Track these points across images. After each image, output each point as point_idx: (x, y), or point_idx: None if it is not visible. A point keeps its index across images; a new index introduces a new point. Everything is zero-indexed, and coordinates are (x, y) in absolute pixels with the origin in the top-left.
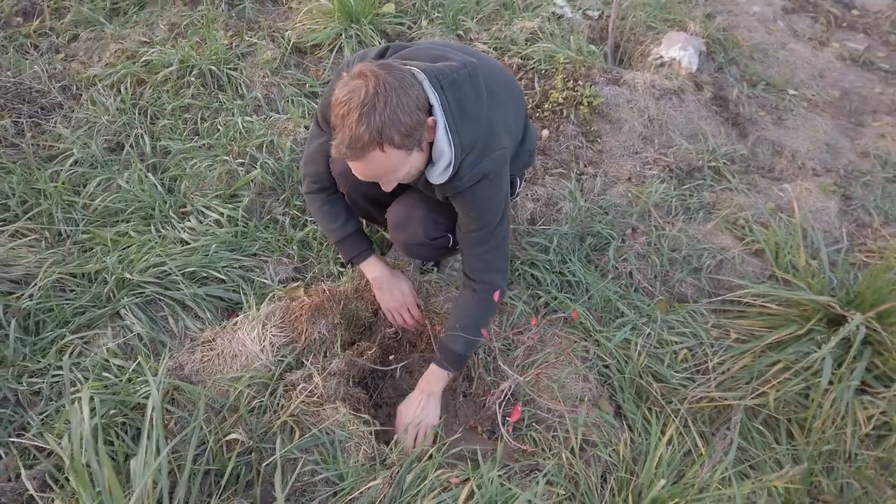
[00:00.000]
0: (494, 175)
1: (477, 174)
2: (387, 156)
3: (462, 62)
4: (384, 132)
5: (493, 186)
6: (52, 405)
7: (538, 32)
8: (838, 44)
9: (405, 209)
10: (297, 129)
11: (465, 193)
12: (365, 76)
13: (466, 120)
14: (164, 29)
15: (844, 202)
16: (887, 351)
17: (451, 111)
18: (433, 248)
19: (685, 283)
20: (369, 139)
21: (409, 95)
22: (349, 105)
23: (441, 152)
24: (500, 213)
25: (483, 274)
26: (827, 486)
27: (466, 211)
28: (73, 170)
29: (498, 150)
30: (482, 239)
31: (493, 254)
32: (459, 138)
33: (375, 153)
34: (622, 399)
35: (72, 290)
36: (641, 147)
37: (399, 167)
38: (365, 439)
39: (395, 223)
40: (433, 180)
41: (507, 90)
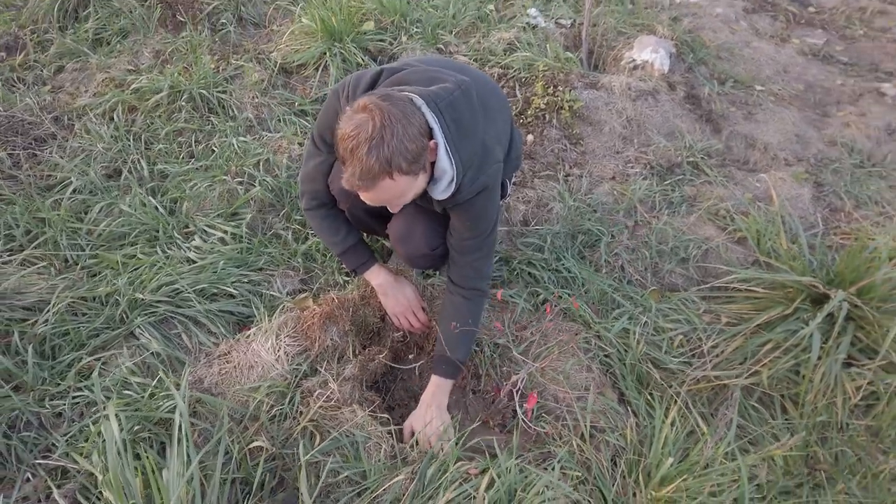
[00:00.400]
0: (491, 188)
1: (476, 188)
2: (396, 183)
3: (456, 82)
4: (393, 161)
5: (489, 198)
6: (74, 426)
7: (515, 42)
8: (798, 40)
9: (406, 223)
10: (291, 146)
11: (465, 205)
12: (370, 110)
13: (464, 138)
14: (149, 56)
15: (817, 189)
16: (869, 325)
17: (450, 132)
18: (435, 258)
19: (674, 273)
20: (379, 169)
21: (412, 124)
22: (357, 139)
23: (443, 171)
24: (493, 222)
25: (474, 281)
26: (822, 456)
27: (463, 221)
28: (73, 197)
29: (495, 164)
30: (476, 246)
31: (483, 261)
32: (460, 156)
33: (385, 182)
34: (625, 386)
35: (84, 313)
36: (622, 147)
37: (407, 192)
38: (384, 439)
39: (398, 237)
40: (437, 197)
41: (496, 102)
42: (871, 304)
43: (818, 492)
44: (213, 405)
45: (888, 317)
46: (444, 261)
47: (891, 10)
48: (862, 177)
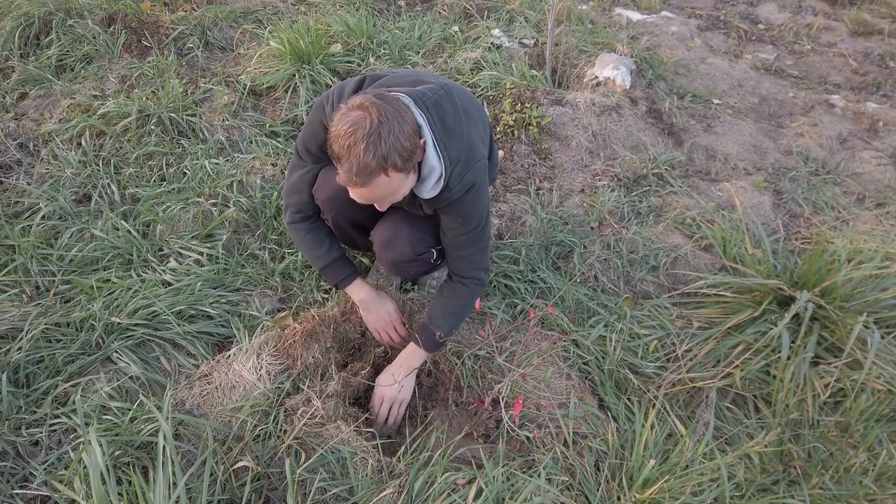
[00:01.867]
0: (479, 184)
1: (464, 185)
2: (390, 179)
3: (439, 83)
4: (389, 158)
5: (478, 195)
6: (52, 454)
7: (481, 62)
8: (751, 55)
9: (390, 229)
10: (264, 167)
11: (455, 204)
12: (366, 108)
13: (450, 135)
14: (114, 82)
15: (776, 196)
16: (833, 324)
17: (437, 128)
18: (419, 264)
19: (646, 280)
20: (376, 166)
21: (406, 122)
22: (355, 136)
23: (431, 168)
24: (484, 217)
25: (472, 272)
26: (796, 452)
27: (455, 219)
28: (43, 223)
29: (480, 161)
30: (471, 241)
31: (479, 254)
32: (448, 153)
33: (380, 178)
34: (604, 392)
35: (59, 339)
36: (589, 160)
37: (399, 188)
38: (370, 453)
39: (382, 243)
40: (425, 195)
41: (475, 110)
42: (834, 303)
43: (794, 487)
44: (197, 426)
45: (851, 316)
46: (427, 269)
47: (835, 25)
48: (818, 184)
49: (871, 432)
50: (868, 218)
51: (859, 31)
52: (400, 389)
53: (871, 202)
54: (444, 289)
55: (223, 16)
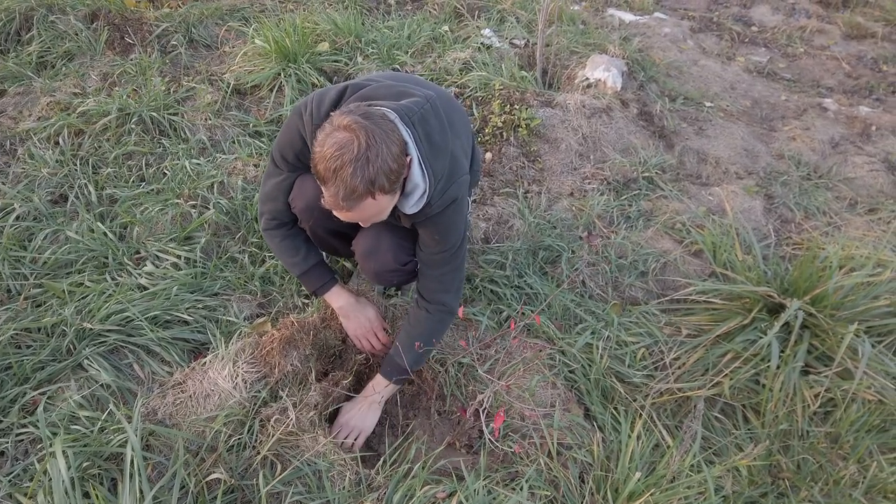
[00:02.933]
0: (460, 199)
1: (446, 200)
2: (377, 202)
3: (424, 97)
4: (377, 182)
5: (457, 211)
6: (18, 465)
7: (471, 62)
8: (743, 58)
9: (373, 238)
10: (246, 167)
11: (434, 219)
12: (353, 130)
13: (436, 152)
14: (96, 79)
15: (768, 201)
16: (823, 332)
17: (423, 146)
18: (402, 274)
19: (634, 286)
20: (364, 190)
21: (394, 143)
22: (342, 160)
23: (416, 185)
24: (461, 235)
25: (439, 295)
26: (785, 464)
27: (431, 234)
28: (16, 224)
29: (462, 176)
30: (444, 260)
31: (451, 275)
32: (432, 170)
33: (367, 201)
34: (590, 401)
35: (29, 345)
36: (579, 163)
37: (386, 209)
38: (348, 466)
39: (365, 252)
40: (407, 211)
41: (458, 117)
42: (824, 311)
43: (783, 500)
44: (168, 437)
45: (842, 324)
46: (411, 277)
47: (828, 28)
48: (810, 188)
49: (861, 444)
50: (860, 223)
51: (853, 35)
52: (359, 418)
53: (864, 207)
54: (410, 314)
55: (209, 13)
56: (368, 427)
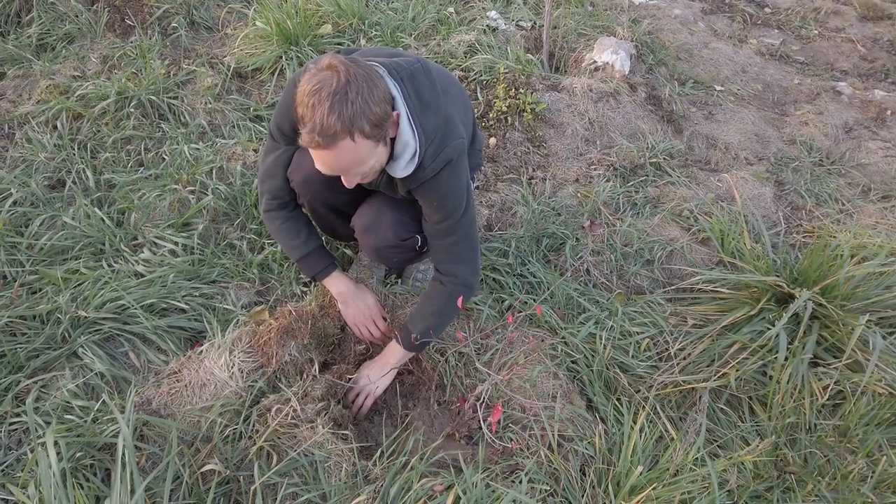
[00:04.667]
0: (455, 163)
1: (439, 163)
2: (356, 146)
3: (415, 57)
4: (355, 122)
5: (454, 175)
6: (11, 454)
7: (476, 45)
8: (756, 40)
9: (372, 213)
10: (246, 152)
11: (429, 184)
12: (334, 67)
13: (426, 109)
14: (96, 62)
15: (778, 188)
16: (833, 323)
17: (412, 102)
18: (403, 250)
19: (640, 275)
20: (341, 128)
21: (377, 87)
22: (320, 95)
23: (405, 144)
24: (463, 202)
25: (451, 265)
26: (791, 458)
27: (430, 202)
28: (13, 210)
29: (457, 139)
30: (449, 230)
31: (460, 245)
32: (422, 128)
33: (345, 143)
34: (592, 392)
35: (23, 333)
36: (585, 149)
37: (367, 159)
38: (345, 457)
39: (364, 228)
40: (398, 174)
41: (455, 90)
42: (834, 302)
43: (788, 495)
44: (163, 427)
45: (852, 315)
46: (412, 257)
47: (844, 10)
48: (821, 175)
49: (870, 438)
50: (873, 211)
51: (868, 16)
52: (377, 380)
53: (877, 194)
54: (429, 287)
55: None
56: (381, 390)
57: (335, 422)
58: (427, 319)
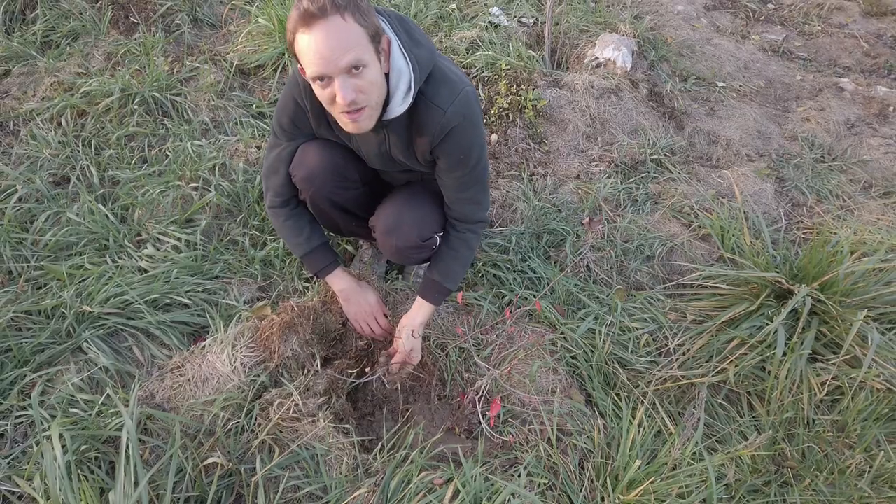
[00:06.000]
0: (472, 114)
1: (458, 110)
2: (348, 26)
3: None
4: (344, 4)
5: (474, 126)
6: (17, 447)
7: (478, 41)
8: (758, 36)
9: (394, 215)
10: (249, 149)
11: (454, 135)
12: None
13: (416, 44)
14: (100, 59)
15: (779, 184)
16: (832, 319)
17: (402, 35)
18: (423, 250)
19: (640, 271)
20: (331, 5)
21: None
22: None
23: (399, 71)
24: (482, 149)
25: (477, 214)
26: (790, 453)
27: (456, 156)
28: (18, 206)
29: (467, 87)
30: (475, 179)
31: (482, 193)
32: (415, 58)
33: (336, 18)
34: (591, 387)
35: (29, 328)
36: (586, 145)
37: (362, 50)
38: (346, 451)
39: (387, 229)
40: (396, 110)
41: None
42: (834, 298)
43: (786, 489)
44: (165, 421)
45: (851, 311)
46: (429, 255)
47: (847, 5)
48: (823, 171)
49: (868, 433)
50: (874, 207)
51: (872, 12)
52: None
53: (878, 191)
54: (452, 242)
55: None
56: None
57: (336, 416)
58: (457, 272)
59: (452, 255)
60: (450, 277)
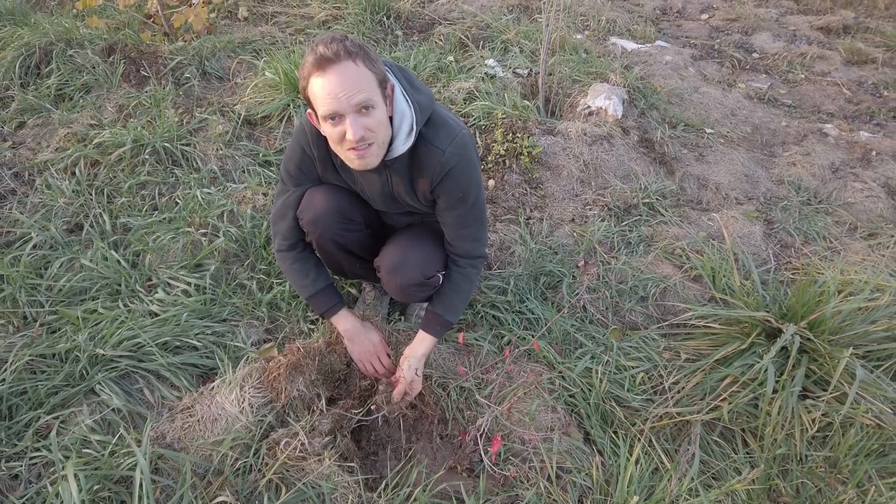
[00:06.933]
0: (469, 155)
1: (456, 151)
2: (358, 69)
3: None
4: (355, 47)
5: (471, 166)
6: (31, 488)
7: (475, 91)
8: (744, 84)
9: (399, 253)
10: (256, 196)
11: (453, 174)
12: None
13: (417, 91)
14: (112, 111)
15: (767, 226)
16: (821, 357)
17: (403, 80)
18: (426, 288)
19: (635, 311)
20: (344, 52)
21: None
22: (323, 40)
23: (402, 113)
24: (480, 188)
25: (477, 249)
26: (784, 488)
27: (456, 194)
28: (33, 253)
29: (464, 130)
30: (473, 217)
31: (481, 230)
32: (416, 102)
33: (348, 63)
34: (590, 425)
35: (43, 371)
36: (580, 190)
37: (371, 92)
38: (351, 489)
39: (392, 268)
40: (399, 149)
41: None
42: (822, 336)
43: None
44: (176, 460)
45: (838, 349)
46: (432, 293)
47: (829, 55)
48: (809, 213)
49: (860, 468)
50: (859, 248)
51: (853, 60)
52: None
53: (863, 232)
54: (453, 276)
55: (221, 46)
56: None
57: (341, 455)
58: (458, 305)
59: (454, 289)
60: (451, 310)
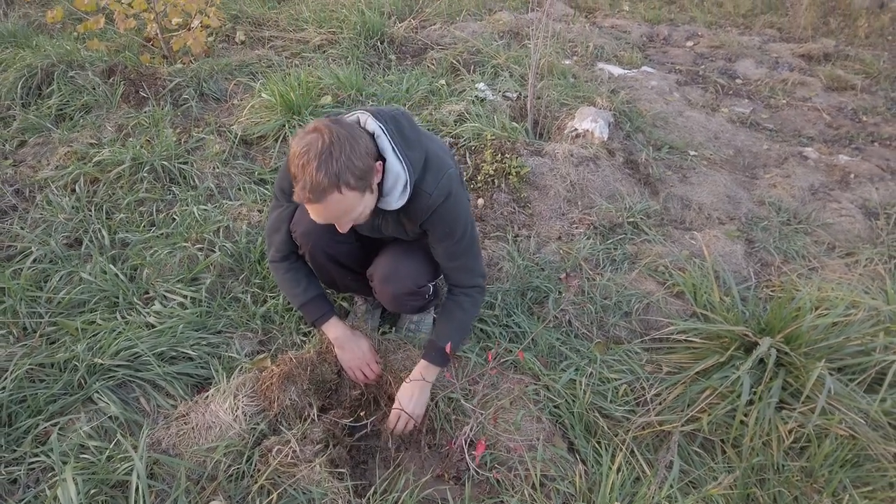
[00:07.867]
0: (456, 193)
1: (442, 191)
2: (344, 197)
3: (397, 108)
4: (341, 176)
5: (457, 202)
6: (30, 492)
7: (465, 114)
8: (727, 109)
9: (390, 263)
10: (251, 213)
11: (439, 212)
12: (319, 130)
13: (409, 144)
14: (111, 130)
15: (748, 245)
16: (797, 370)
17: (396, 138)
18: (418, 298)
19: (618, 326)
20: (328, 184)
21: (359, 144)
22: (308, 156)
23: (396, 176)
24: (468, 223)
25: (469, 279)
26: (761, 497)
27: (442, 228)
28: (33, 266)
29: (450, 169)
30: (463, 250)
31: (473, 261)
32: (410, 161)
33: (333, 196)
34: (573, 435)
35: (42, 380)
36: (567, 209)
37: (355, 207)
38: (340, 495)
39: (384, 277)
40: (393, 206)
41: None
42: (798, 350)
43: None
44: (171, 465)
45: (812, 362)
46: (424, 304)
47: (810, 81)
48: (789, 233)
49: (835, 477)
50: (837, 266)
51: (833, 87)
52: (413, 404)
53: (841, 251)
54: (446, 304)
55: (219, 68)
56: (420, 413)
57: (332, 462)
58: (458, 332)
59: (447, 317)
60: (442, 336)
